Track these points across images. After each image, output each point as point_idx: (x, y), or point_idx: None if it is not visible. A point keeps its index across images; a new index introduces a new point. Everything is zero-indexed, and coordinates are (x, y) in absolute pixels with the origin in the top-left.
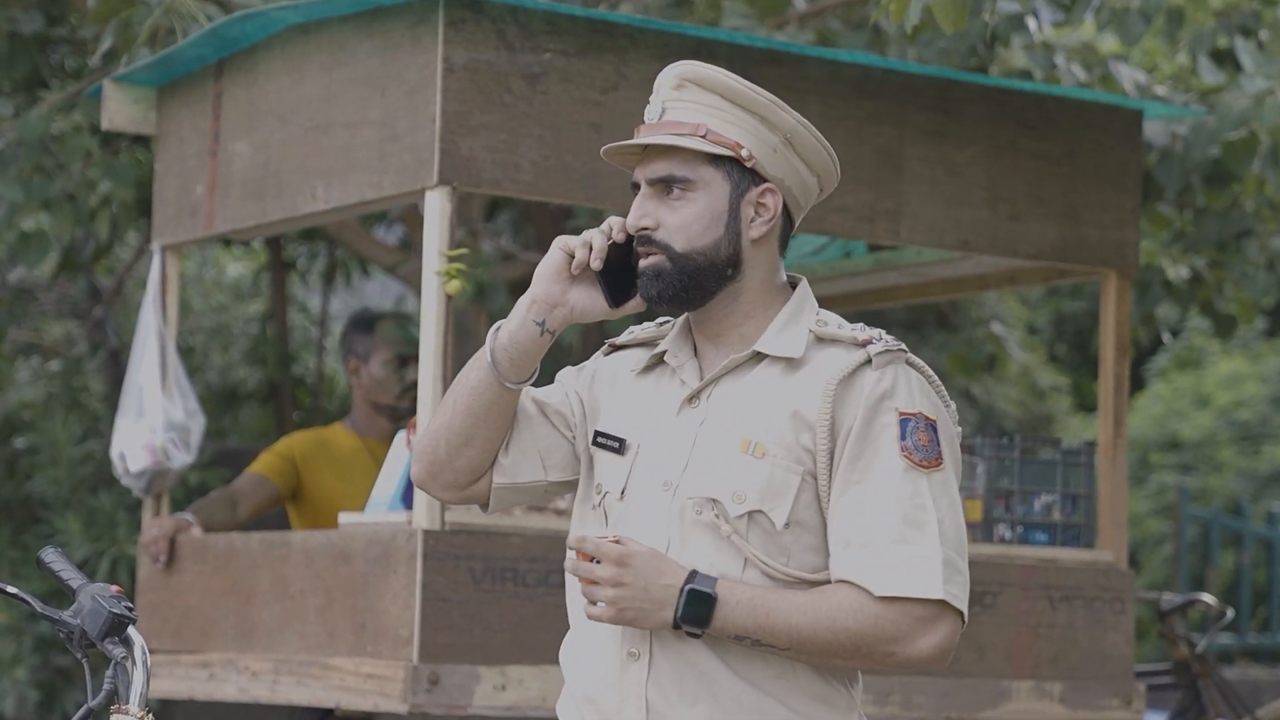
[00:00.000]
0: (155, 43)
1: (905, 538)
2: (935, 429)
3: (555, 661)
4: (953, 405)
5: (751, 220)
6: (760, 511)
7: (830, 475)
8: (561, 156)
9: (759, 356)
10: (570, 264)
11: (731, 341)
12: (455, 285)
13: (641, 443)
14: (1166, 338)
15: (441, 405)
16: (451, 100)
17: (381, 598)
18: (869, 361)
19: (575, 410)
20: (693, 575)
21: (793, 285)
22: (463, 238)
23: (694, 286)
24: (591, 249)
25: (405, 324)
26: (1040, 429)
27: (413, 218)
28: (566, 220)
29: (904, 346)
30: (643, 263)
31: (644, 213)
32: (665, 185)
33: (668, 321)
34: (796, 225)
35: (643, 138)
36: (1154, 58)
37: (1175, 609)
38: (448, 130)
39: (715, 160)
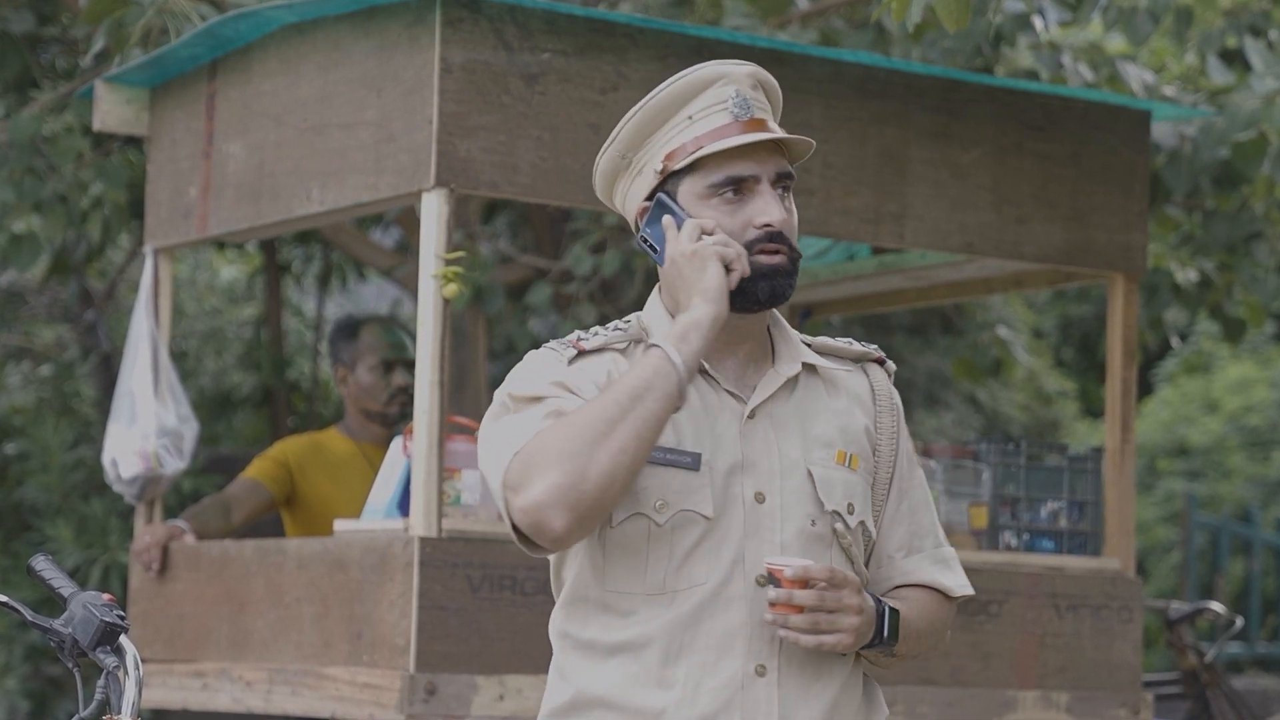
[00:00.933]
0: (148, 42)
1: (942, 540)
2: None
3: None
4: None
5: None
6: (863, 522)
7: (889, 487)
8: (560, 158)
9: (804, 369)
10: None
11: (750, 351)
12: (452, 289)
13: (709, 457)
14: (1175, 342)
15: (608, 441)
16: (449, 101)
17: (378, 606)
18: (888, 374)
19: None
20: (870, 594)
21: None
22: (460, 240)
23: (790, 289)
24: (738, 256)
25: (390, 328)
26: (1046, 435)
27: (409, 220)
28: (565, 223)
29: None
30: (774, 260)
31: (768, 210)
32: (783, 184)
33: (627, 323)
34: None
35: (769, 134)
36: (1162, 58)
37: (1184, 617)
38: (445, 131)
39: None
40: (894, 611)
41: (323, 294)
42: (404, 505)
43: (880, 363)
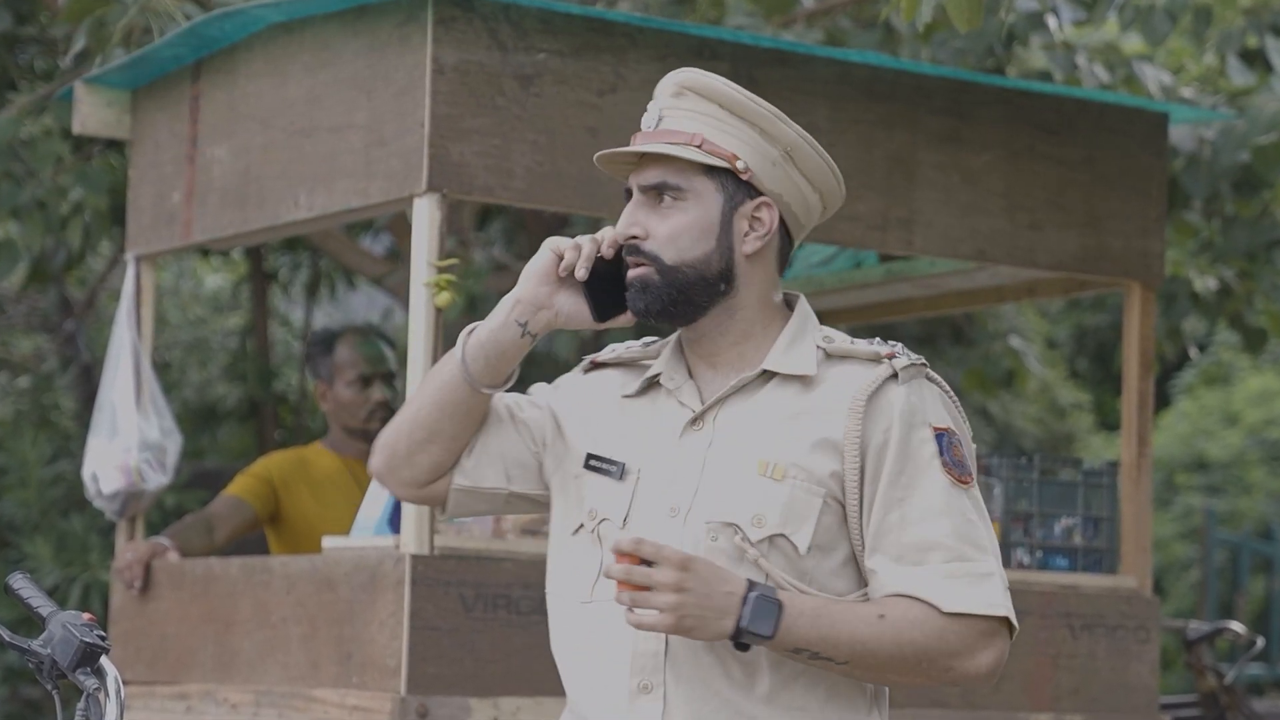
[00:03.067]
0: (130, 42)
1: (963, 554)
2: (962, 444)
3: (551, 693)
4: (967, 422)
5: (746, 234)
6: (782, 535)
7: (862, 495)
8: (556, 162)
9: (768, 376)
10: (559, 266)
11: (729, 361)
12: (445, 297)
13: (642, 467)
14: (1193, 352)
15: (411, 398)
16: (441, 103)
17: (367, 626)
18: (894, 376)
19: (547, 427)
20: (753, 583)
21: (789, 304)
22: (453, 247)
23: (683, 300)
24: (581, 255)
25: (368, 339)
26: (1060, 448)
27: (400, 226)
28: (562, 229)
29: (924, 360)
30: (630, 274)
31: (633, 221)
32: (657, 193)
33: (654, 342)
34: (797, 244)
35: (637, 145)
36: (1180, 58)
37: (1202, 638)
38: (437, 134)
39: (709, 171)
40: (767, 599)
41: (311, 303)
42: (394, 521)
43: (889, 359)
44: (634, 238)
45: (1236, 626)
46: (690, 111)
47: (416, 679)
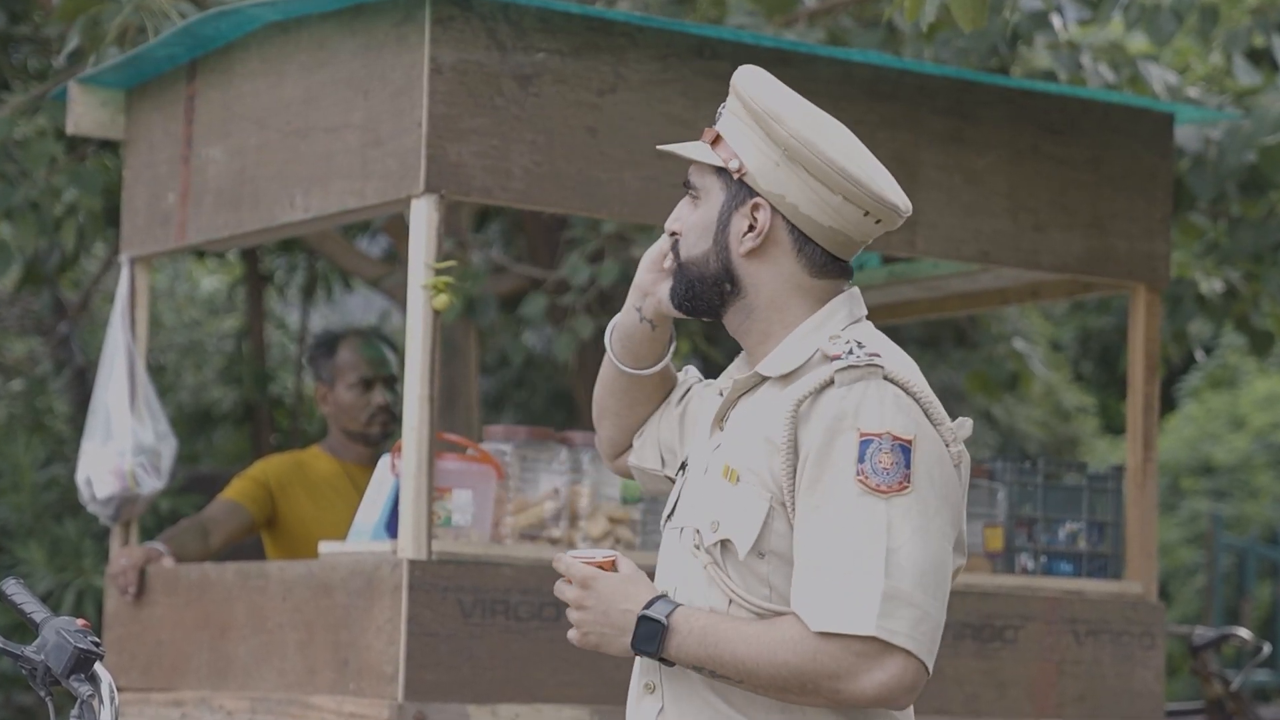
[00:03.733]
0: (124, 42)
1: (847, 568)
2: (907, 450)
3: (550, 699)
4: (953, 424)
5: (743, 235)
6: (729, 540)
7: (793, 501)
8: (555, 163)
9: (763, 377)
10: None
11: (759, 362)
12: (443, 300)
13: (689, 468)
14: (1199, 355)
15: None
16: (439, 103)
17: (365, 632)
18: (831, 380)
19: (685, 420)
20: (653, 601)
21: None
22: (451, 249)
23: (693, 297)
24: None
25: (370, 342)
26: (1065, 452)
27: (398, 228)
28: (561, 230)
29: (878, 361)
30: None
31: (675, 216)
32: (690, 188)
33: None
34: (859, 248)
35: (667, 145)
36: (1186, 58)
37: (1208, 644)
38: (435, 135)
39: (719, 171)
40: (649, 620)
41: (307, 305)
42: (392, 526)
43: (834, 359)
44: (674, 232)
45: (1243, 632)
46: (727, 111)
47: (414, 686)
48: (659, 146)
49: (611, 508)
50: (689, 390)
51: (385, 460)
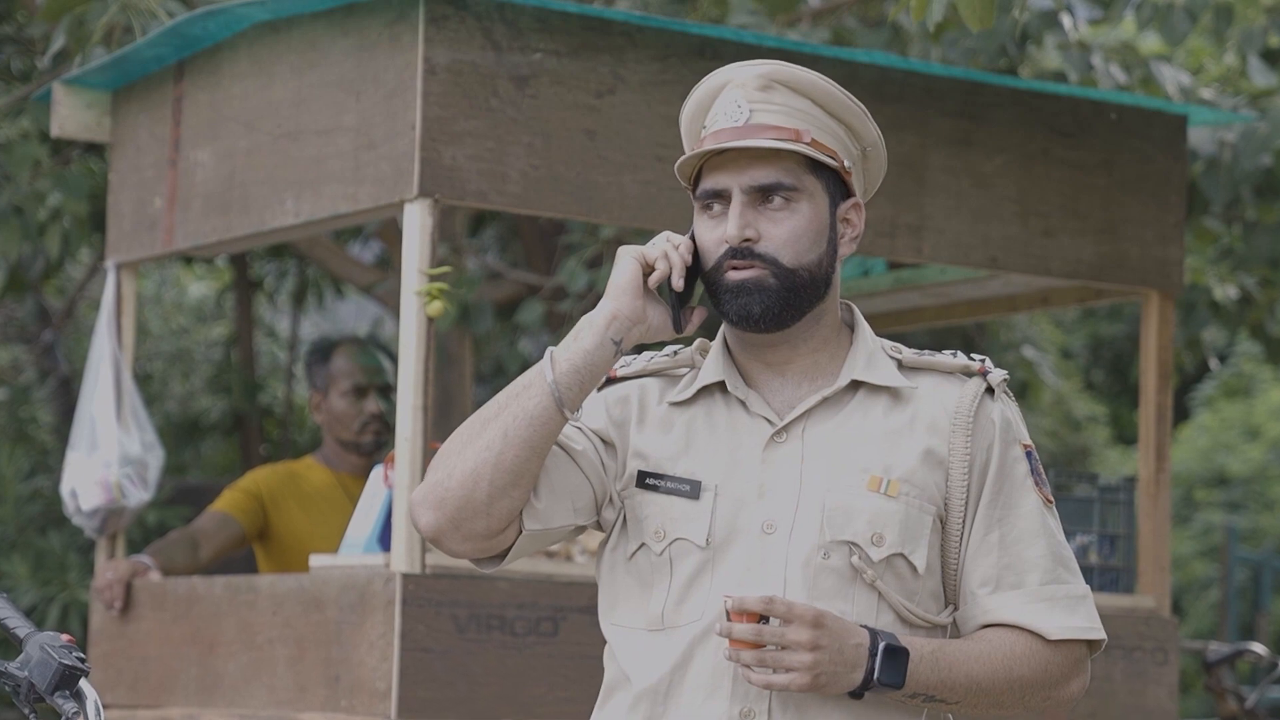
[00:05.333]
0: (110, 42)
1: (1059, 578)
2: (1037, 459)
3: (547, 716)
4: None
5: (842, 237)
6: (900, 555)
7: (965, 515)
8: (552, 166)
9: (855, 386)
10: (647, 277)
11: (803, 370)
12: (437, 307)
13: (718, 483)
14: (1213, 363)
15: (477, 439)
16: (433, 105)
17: (357, 648)
18: (990, 390)
19: (599, 450)
20: (875, 633)
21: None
22: (445, 255)
23: (794, 305)
24: (674, 265)
25: (366, 350)
26: (1076, 463)
27: (391, 233)
28: (558, 236)
29: (1008, 375)
30: (740, 276)
31: (746, 223)
32: (764, 194)
33: (680, 349)
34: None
35: (745, 141)
36: (1200, 58)
37: (1223, 660)
38: (429, 138)
39: (817, 169)
40: (894, 649)
41: (297, 312)
42: (385, 539)
43: (983, 374)
44: (749, 240)
45: (1258, 648)
46: (784, 106)
47: (407, 703)
48: (756, 143)
49: None
50: (592, 429)
51: (378, 471)
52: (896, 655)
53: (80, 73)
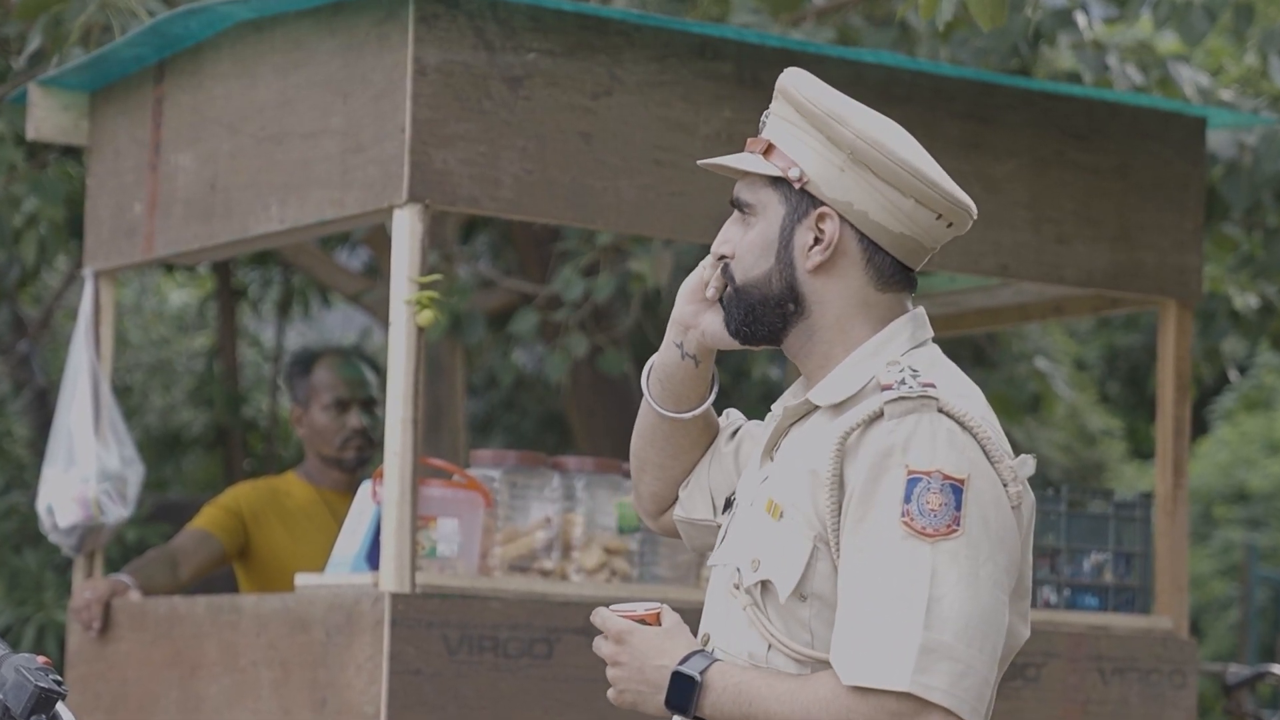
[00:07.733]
0: (88, 41)
1: (884, 619)
2: (958, 490)
3: None
4: (1014, 461)
5: (809, 249)
6: (769, 580)
7: (839, 541)
8: (547, 170)
9: (814, 405)
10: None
11: (807, 388)
12: (427, 316)
13: (737, 504)
14: (1233, 375)
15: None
16: (423, 106)
17: (344, 670)
18: (880, 412)
19: (739, 458)
20: (690, 656)
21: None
22: (436, 262)
23: (754, 321)
24: (713, 273)
25: (349, 362)
26: (1090, 479)
27: (379, 240)
28: (553, 242)
29: (932, 393)
30: (721, 292)
31: (724, 239)
32: (738, 209)
33: None
34: (925, 257)
35: (708, 158)
36: (1219, 58)
37: (1243, 682)
38: (419, 141)
39: (775, 182)
40: (682, 677)
41: (282, 322)
42: (373, 557)
43: (886, 389)
44: (723, 256)
45: (1279, 670)
46: (775, 116)
47: None
48: (700, 162)
49: (607, 538)
50: (739, 430)
51: (366, 487)
52: (686, 683)
53: (57, 73)
